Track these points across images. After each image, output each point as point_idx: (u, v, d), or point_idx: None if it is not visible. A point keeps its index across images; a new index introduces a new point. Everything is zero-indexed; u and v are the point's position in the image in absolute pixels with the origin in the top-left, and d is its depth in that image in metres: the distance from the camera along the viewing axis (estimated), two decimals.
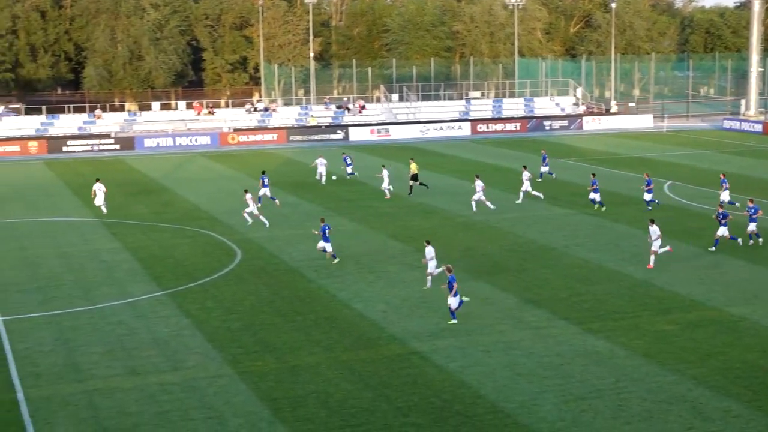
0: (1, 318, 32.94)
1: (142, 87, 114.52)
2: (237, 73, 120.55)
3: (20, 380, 26.91)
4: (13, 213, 53.01)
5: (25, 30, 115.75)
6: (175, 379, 26.91)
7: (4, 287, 37.07)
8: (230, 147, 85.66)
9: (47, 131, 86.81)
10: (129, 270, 39.61)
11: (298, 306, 33.99)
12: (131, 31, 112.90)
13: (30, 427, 23.75)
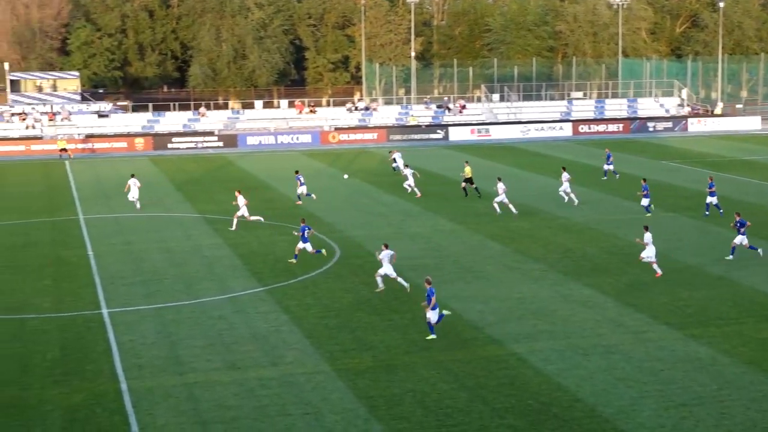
0: (107, 310, 33.76)
1: (245, 85, 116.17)
2: (338, 72, 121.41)
3: (124, 371, 27.53)
4: (119, 208, 54.27)
5: (133, 29, 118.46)
6: (274, 375, 27.21)
7: (110, 280, 37.98)
8: (331, 145, 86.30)
9: (153, 128, 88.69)
10: (230, 266, 40.20)
11: (395, 305, 34.05)
12: (236, 30, 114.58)
13: (132, 417, 24.29)
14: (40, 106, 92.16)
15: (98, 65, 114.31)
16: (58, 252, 43.34)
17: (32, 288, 36.87)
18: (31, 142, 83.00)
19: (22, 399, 25.56)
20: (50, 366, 28.09)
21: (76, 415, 24.42)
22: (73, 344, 30.00)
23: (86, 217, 51.47)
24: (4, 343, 30.22)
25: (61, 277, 38.64)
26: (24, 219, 51.23)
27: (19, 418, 24.35)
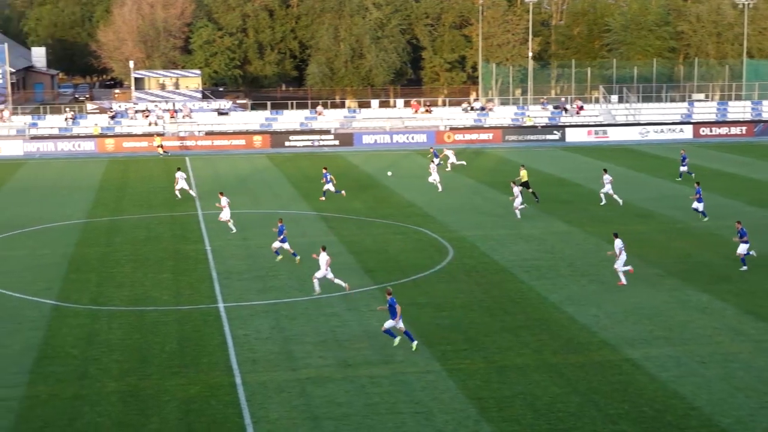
0: (223, 304, 34.42)
1: (362, 84, 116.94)
2: (455, 72, 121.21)
3: (239, 365, 28.03)
4: (238, 205, 55.18)
5: (254, 28, 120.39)
6: (385, 373, 27.34)
7: (227, 275, 38.70)
8: (446, 145, 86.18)
9: (271, 126, 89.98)
10: (343, 263, 40.50)
11: (509, 306, 33.86)
12: (354, 29, 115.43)
13: (246, 410, 24.71)
14: (162, 103, 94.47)
15: (219, 64, 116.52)
16: (177, 246, 44.37)
17: (152, 281, 37.82)
18: (154, 138, 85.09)
19: (140, 388, 26.26)
20: (168, 357, 28.78)
21: (191, 406, 24.98)
22: (191, 337, 30.67)
23: (205, 213, 52.54)
24: (126, 334, 31.08)
25: (179, 271, 39.55)
26: (146, 213, 52.58)
27: (137, 406, 25.02)
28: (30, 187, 62.61)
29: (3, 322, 32.51)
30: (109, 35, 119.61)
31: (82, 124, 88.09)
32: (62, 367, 28.00)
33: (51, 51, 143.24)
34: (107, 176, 67.66)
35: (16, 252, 42.59)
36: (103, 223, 49.55)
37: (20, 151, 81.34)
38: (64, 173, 69.52)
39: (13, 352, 29.39)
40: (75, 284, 37.43)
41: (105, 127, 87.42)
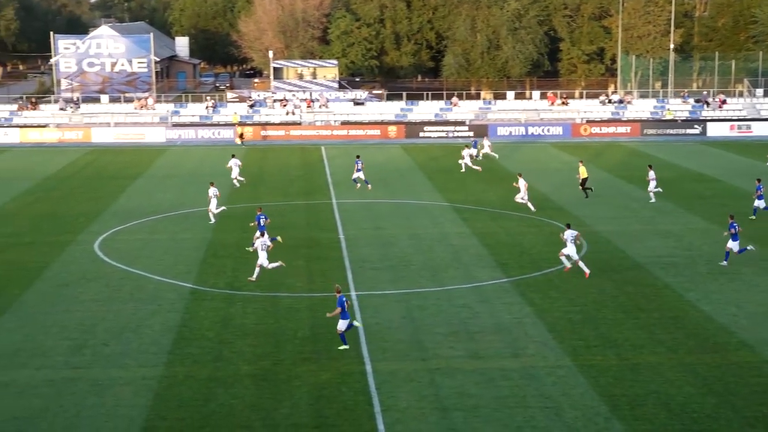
0: (355, 293, 34.75)
1: (498, 76, 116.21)
2: (593, 63, 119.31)
3: (369, 353, 28.27)
4: (370, 194, 55.64)
5: (391, 19, 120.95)
6: (515, 366, 27.19)
7: (360, 264, 39.06)
8: (582, 138, 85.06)
9: (406, 117, 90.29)
10: (475, 255, 40.42)
11: (643, 303, 33.23)
12: (491, 21, 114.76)
13: (376, 398, 24.92)
14: (300, 93, 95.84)
15: (356, 54, 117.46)
16: (311, 234, 44.99)
17: (287, 267, 38.42)
18: (291, 127, 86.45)
19: (273, 373, 26.75)
20: (300, 343, 29.24)
21: (322, 392, 25.32)
22: (323, 324, 31.05)
23: (339, 202, 53.13)
24: (260, 319, 31.71)
25: (313, 259, 40.10)
26: (282, 201, 53.46)
27: (269, 390, 25.50)
28: (171, 173, 64.38)
29: (144, 303, 33.58)
30: (250, 26, 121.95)
31: (222, 113, 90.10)
32: (198, 349, 28.75)
33: (194, 41, 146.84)
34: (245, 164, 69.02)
35: (157, 236, 43.89)
36: (240, 210, 50.61)
37: (163, 138, 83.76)
38: (204, 160, 71.24)
39: (153, 333, 30.33)
40: (212, 268, 38.37)
41: (244, 116, 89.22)
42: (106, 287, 35.70)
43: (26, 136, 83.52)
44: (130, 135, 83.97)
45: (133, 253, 41.08)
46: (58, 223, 47.54)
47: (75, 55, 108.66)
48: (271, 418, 23.78)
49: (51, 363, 27.72)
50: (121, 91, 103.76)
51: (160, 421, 23.69)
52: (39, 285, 36.06)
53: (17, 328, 30.91)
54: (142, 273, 37.53)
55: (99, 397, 25.17)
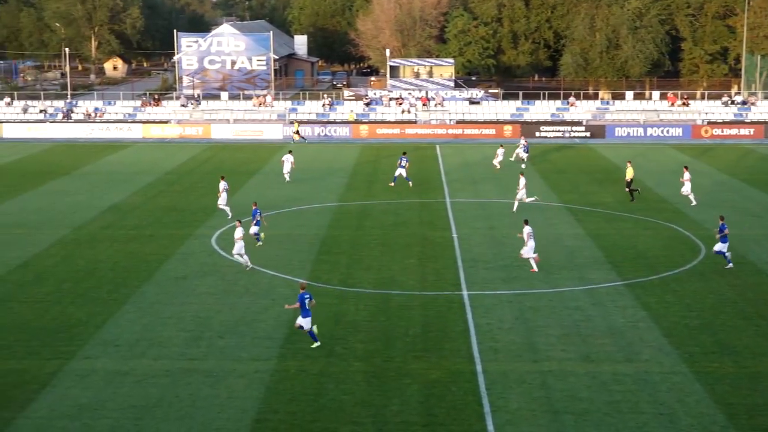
0: (467, 292, 34.66)
1: (616, 76, 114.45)
2: (716, 64, 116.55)
3: (480, 353, 28.16)
4: (486, 193, 55.45)
5: (509, 18, 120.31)
6: (628, 371, 26.74)
7: (472, 263, 38.94)
8: (702, 140, 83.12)
9: (522, 116, 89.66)
10: (590, 257, 39.89)
11: (764, 309, 32.30)
12: (611, 19, 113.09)
13: (485, 398, 24.81)
14: (415, 91, 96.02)
15: (473, 53, 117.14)
16: (424, 232, 45.03)
17: (399, 265, 38.57)
18: (406, 125, 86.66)
19: (384, 370, 26.87)
20: (411, 341, 29.29)
21: (432, 391, 25.32)
22: (434, 322, 31.08)
23: (452, 201, 53.05)
24: (371, 316, 31.88)
25: (426, 257, 40.13)
26: (396, 199, 53.63)
27: (380, 387, 25.62)
28: None
29: (258, 297, 34.10)
30: (368, 24, 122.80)
31: (339, 110, 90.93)
32: (310, 344, 29.03)
33: (312, 39, 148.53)
34: (360, 161, 69.52)
35: (273, 231, 44.50)
36: (354, 207, 50.98)
37: (280, 135, 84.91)
38: (319, 157, 71.96)
39: (267, 327, 30.78)
40: (326, 265, 38.73)
41: (360, 114, 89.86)
42: (222, 281, 36.38)
43: (149, 131, 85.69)
44: (249, 132, 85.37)
45: (248, 248, 41.71)
46: (177, 216, 48.66)
47: (197, 52, 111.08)
48: (380, 415, 23.90)
49: (168, 354, 28.39)
50: (240, 89, 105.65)
51: (271, 414, 24.03)
52: (158, 277, 36.96)
53: (137, 318, 31.74)
54: (257, 268, 38.10)
55: (213, 388, 25.66)
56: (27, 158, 71.62)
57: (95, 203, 52.10)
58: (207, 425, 23.38)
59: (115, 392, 25.39)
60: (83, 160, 70.08)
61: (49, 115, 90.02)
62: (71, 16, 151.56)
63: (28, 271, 37.76)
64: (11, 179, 60.79)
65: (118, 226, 46.21)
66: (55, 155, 73.57)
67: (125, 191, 55.88)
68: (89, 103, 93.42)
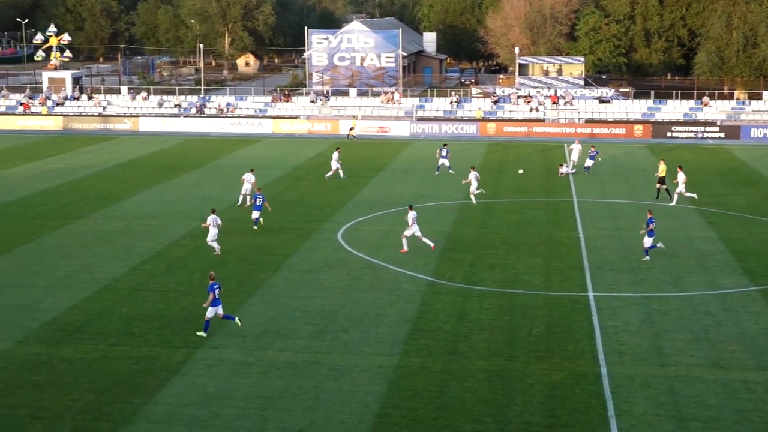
0: (592, 293, 34.20)
1: (753, 75, 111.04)
2: None
3: (605, 356, 27.77)
4: (614, 194, 54.60)
5: (642, 15, 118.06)
6: (760, 379, 26.00)
7: (598, 264, 38.40)
8: None
9: (653, 116, 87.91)
10: (721, 261, 38.90)
11: None
12: (748, 17, 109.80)
13: (610, 402, 24.46)
14: (544, 89, 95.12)
15: (603, 51, 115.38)
16: (550, 232, 44.61)
17: (524, 265, 38.30)
18: (534, 124, 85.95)
19: (506, 370, 26.75)
20: (534, 342, 29.08)
21: (555, 392, 25.09)
22: (558, 323, 30.78)
23: (580, 200, 52.40)
24: (495, 315, 31.76)
25: (551, 257, 39.75)
26: (522, 198, 53.27)
27: (502, 386, 25.51)
28: (413, 167, 65.40)
29: (383, 293, 34.33)
30: (497, 21, 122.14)
31: (466, 108, 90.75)
32: (434, 341, 29.11)
33: (441, 36, 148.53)
34: (487, 159, 69.27)
35: (398, 228, 44.66)
36: (479, 205, 50.81)
37: (407, 131, 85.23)
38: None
39: (391, 323, 30.97)
40: (450, 263, 38.73)
41: (487, 112, 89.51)
42: (348, 276, 36.75)
43: (278, 126, 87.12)
44: (376, 128, 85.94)
45: (374, 243, 42.07)
46: (304, 211, 49.35)
47: (327, 49, 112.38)
48: (502, 414, 23.80)
49: (293, 346, 28.83)
50: (368, 85, 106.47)
51: (394, 409, 24.17)
52: (285, 270, 37.56)
53: (264, 311, 32.33)
54: (382, 264, 38.37)
55: (336, 381, 25.96)
56: (161, 151, 73.67)
57: (225, 196, 53.25)
58: (330, 418, 23.66)
59: (241, 382, 25.93)
60: (215, 154, 71.70)
61: (183, 109, 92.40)
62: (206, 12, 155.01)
63: (160, 262, 38.86)
64: (146, 171, 62.63)
65: (247, 219, 47.08)
66: (188, 149, 75.48)
67: None
68: (222, 98, 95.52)
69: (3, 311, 31.98)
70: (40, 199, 52.97)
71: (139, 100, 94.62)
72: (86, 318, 31.48)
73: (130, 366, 27.12)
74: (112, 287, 35.15)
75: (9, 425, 23.23)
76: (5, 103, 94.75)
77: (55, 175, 61.48)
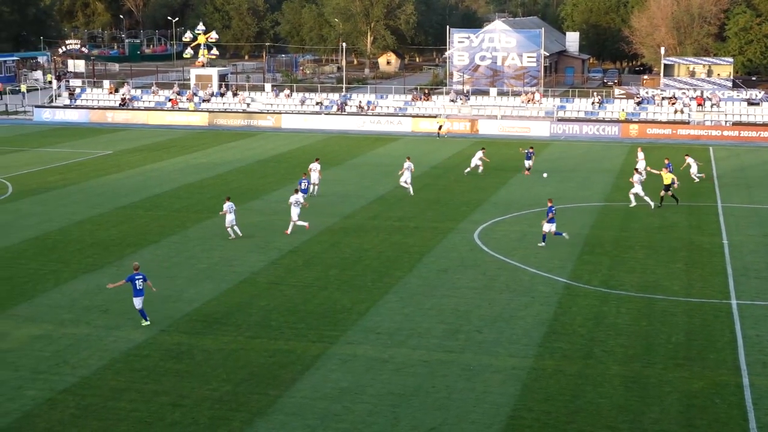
0: (735, 301, 33.19)
1: None
2: None
3: (747, 366, 26.91)
4: (761, 199, 52.87)
5: None
6: None
7: (742, 272, 37.24)
8: None
9: None
10: None
11: None
12: None
13: (751, 413, 23.70)
14: (690, 91, 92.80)
15: (754, 52, 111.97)
16: (692, 237, 43.49)
17: (664, 270, 37.44)
18: (678, 126, 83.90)
19: (643, 376, 26.20)
20: (673, 348, 28.39)
21: (693, 401, 24.45)
22: (698, 331, 29.99)
23: (724, 205, 50.91)
24: (633, 320, 31.14)
25: (693, 263, 38.74)
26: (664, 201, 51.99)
27: (639, 393, 25.00)
28: (552, 167, 64.63)
29: (518, 294, 34.07)
30: (643, 21, 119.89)
31: (608, 109, 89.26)
32: (569, 345, 28.74)
33: (584, 36, 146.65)
34: (628, 162, 67.95)
35: (534, 229, 44.21)
36: (619, 208, 49.91)
37: (547, 132, 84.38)
38: (586, 156, 70.97)
39: (525, 324, 30.70)
40: (587, 265, 38.16)
41: (630, 113, 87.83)
42: (483, 276, 36.60)
43: (417, 125, 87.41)
44: (516, 128, 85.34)
45: (510, 244, 41.79)
46: (441, 210, 49.36)
47: (468, 48, 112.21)
48: (638, 422, 23.31)
49: (426, 344, 28.87)
50: (509, 85, 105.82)
51: (526, 412, 23.95)
52: (420, 268, 37.65)
53: (399, 308, 32.48)
54: (518, 264, 38.08)
55: (469, 381, 25.88)
56: (302, 148, 74.82)
57: (363, 193, 53.73)
58: (462, 417, 23.60)
59: (374, 378, 26.11)
60: (354, 152, 72.43)
61: (324, 107, 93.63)
62: (349, 12, 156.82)
63: (298, 257, 39.47)
64: (287, 168, 63.70)
65: (384, 216, 47.44)
66: (328, 146, 76.45)
67: (392, 183, 57.22)
68: (362, 96, 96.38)
69: (148, 300, 33.01)
70: (185, 192, 54.52)
71: (282, 98, 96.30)
72: (226, 309, 32.23)
73: (267, 358, 27.63)
74: (251, 280, 35.89)
75: (152, 411, 23.96)
76: (155, 99, 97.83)
77: (199, 169, 63.19)
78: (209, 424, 23.25)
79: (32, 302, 33.15)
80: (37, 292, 34.32)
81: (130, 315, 31.26)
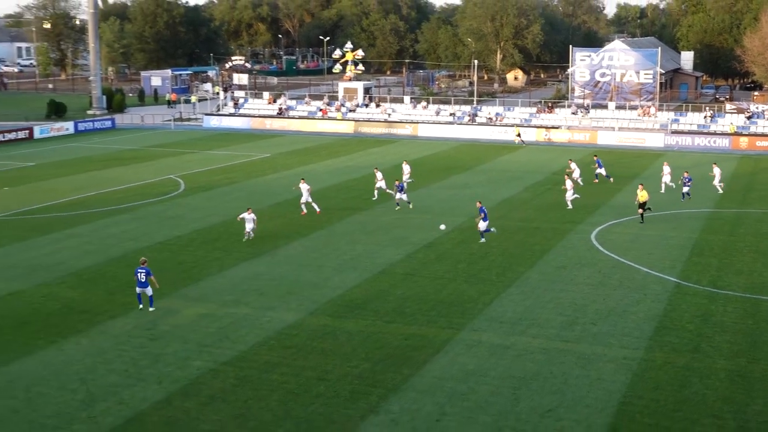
0: None
1: None
2: None
3: None
4: None
5: None
6: None
7: None
8: None
9: None
10: None
11: None
12: None
13: None
14: None
15: None
16: None
17: None
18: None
19: (748, 371, 25.38)
20: None
21: None
22: None
23: None
24: (739, 318, 30.18)
25: None
26: None
27: (744, 386, 24.24)
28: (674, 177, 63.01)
29: (630, 291, 33.40)
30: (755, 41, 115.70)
31: (719, 123, 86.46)
32: (677, 339, 28.02)
33: (698, 55, 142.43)
34: (738, 172, 65.81)
35: (647, 232, 43.33)
36: (729, 214, 48.36)
37: (661, 143, 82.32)
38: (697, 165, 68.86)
39: (637, 319, 30.08)
40: (696, 266, 37.11)
41: (740, 126, 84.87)
42: (599, 273, 36.00)
43: (541, 135, 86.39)
44: (632, 139, 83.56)
45: (624, 245, 40.97)
46: (560, 213, 48.72)
47: (589, 65, 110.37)
48: (742, 413, 22.58)
49: (545, 333, 28.59)
50: (626, 100, 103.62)
51: (636, 399, 23.49)
52: (541, 265, 37.29)
53: (520, 300, 32.25)
54: (632, 264, 37.32)
55: (584, 369, 25.52)
56: (436, 155, 74.89)
57: (490, 196, 53.47)
58: (577, 401, 23.31)
59: (496, 363, 26.01)
60: (483, 159, 72.12)
61: (457, 117, 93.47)
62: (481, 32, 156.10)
63: (430, 251, 39.58)
64: (422, 171, 63.83)
65: (508, 217, 47.14)
66: (459, 153, 76.32)
67: (517, 187, 56.82)
68: (491, 108, 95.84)
69: (299, 287, 33.66)
70: (332, 191, 55.29)
71: (419, 109, 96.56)
72: (366, 296, 32.58)
73: (401, 341, 27.82)
74: (389, 271, 36.17)
75: (299, 384, 24.43)
76: (307, 108, 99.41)
77: (345, 171, 63.97)
78: (349, 397, 23.57)
79: (199, 284, 34.19)
80: (203, 276, 35.39)
81: (283, 298, 31.93)
